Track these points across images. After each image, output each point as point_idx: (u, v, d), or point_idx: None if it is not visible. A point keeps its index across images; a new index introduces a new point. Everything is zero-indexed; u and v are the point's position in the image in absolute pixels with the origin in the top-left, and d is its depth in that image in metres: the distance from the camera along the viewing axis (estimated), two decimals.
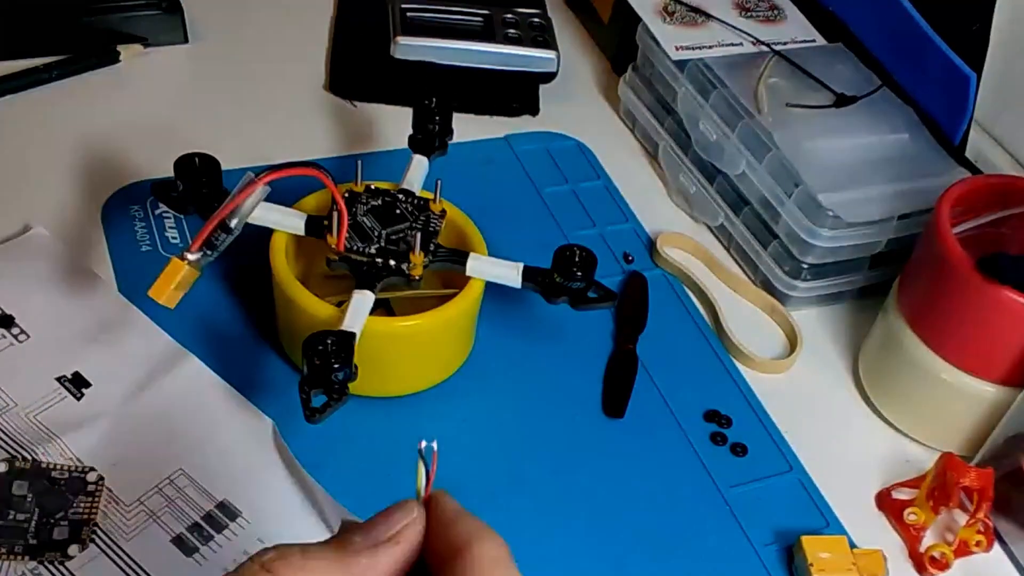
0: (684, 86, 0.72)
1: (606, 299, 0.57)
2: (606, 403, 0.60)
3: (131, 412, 0.54)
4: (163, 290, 0.50)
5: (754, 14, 0.78)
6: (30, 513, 0.49)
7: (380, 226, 0.56)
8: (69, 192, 0.66)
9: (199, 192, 0.56)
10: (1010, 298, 0.53)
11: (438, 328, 0.56)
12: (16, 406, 0.53)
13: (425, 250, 0.55)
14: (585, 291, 0.56)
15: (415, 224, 0.56)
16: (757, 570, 0.54)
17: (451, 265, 0.56)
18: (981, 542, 0.56)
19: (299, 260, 0.60)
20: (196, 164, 0.56)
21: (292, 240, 0.58)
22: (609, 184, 0.74)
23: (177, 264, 0.50)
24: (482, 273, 0.57)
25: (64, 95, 0.73)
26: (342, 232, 0.54)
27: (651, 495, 0.56)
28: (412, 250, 0.54)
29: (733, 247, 0.71)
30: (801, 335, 0.65)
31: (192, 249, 0.50)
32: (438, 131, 0.63)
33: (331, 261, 0.56)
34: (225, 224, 0.51)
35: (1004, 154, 0.75)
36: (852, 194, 0.65)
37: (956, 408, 0.59)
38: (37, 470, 0.50)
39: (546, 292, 0.56)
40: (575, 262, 0.55)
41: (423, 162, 0.61)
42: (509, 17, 0.79)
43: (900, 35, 0.71)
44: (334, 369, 0.48)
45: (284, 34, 0.83)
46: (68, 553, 0.48)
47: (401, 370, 0.57)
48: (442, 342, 0.58)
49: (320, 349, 0.48)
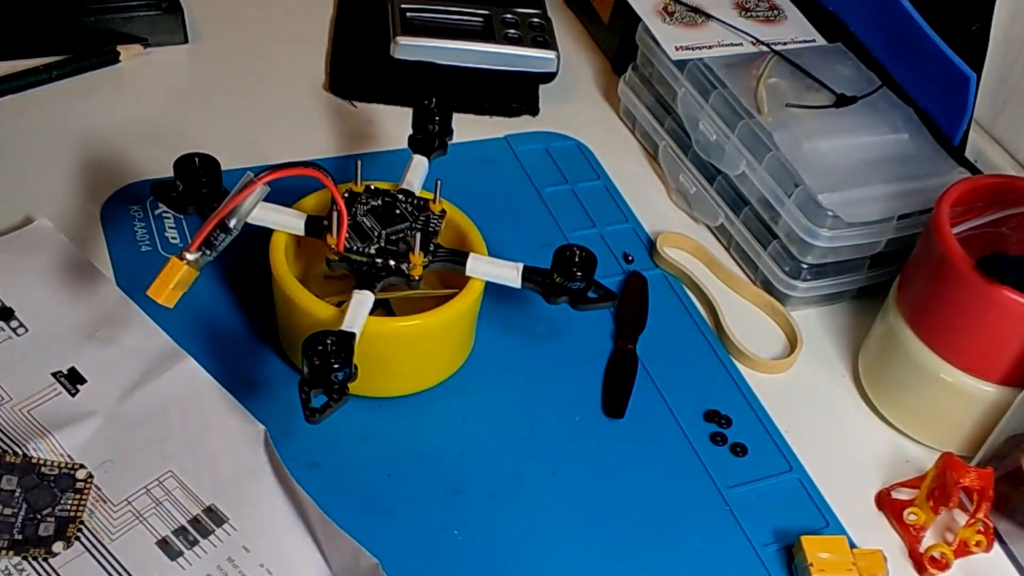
0: (684, 86, 0.72)
1: (606, 299, 0.57)
2: (606, 403, 0.60)
3: (124, 411, 0.54)
4: (162, 290, 0.50)
5: (754, 14, 0.78)
6: (17, 508, 0.49)
7: (380, 226, 0.56)
8: (69, 192, 0.66)
9: (199, 192, 0.56)
10: (1010, 298, 0.53)
11: (438, 328, 0.56)
12: (11, 400, 0.53)
13: (425, 250, 0.55)
14: (585, 291, 0.56)
15: (415, 224, 0.56)
16: (757, 570, 0.54)
17: (451, 265, 0.56)
18: (981, 542, 0.56)
19: (299, 260, 0.60)
20: (196, 164, 0.56)
21: (292, 240, 0.58)
22: (609, 184, 0.74)
23: (176, 264, 0.50)
24: (482, 273, 0.57)
25: (64, 95, 0.73)
26: (342, 232, 0.54)
27: (651, 495, 0.56)
28: (412, 250, 0.54)
29: (733, 247, 0.71)
30: (801, 335, 0.65)
31: (191, 249, 0.50)
32: (438, 131, 0.63)
33: (331, 261, 0.56)
34: (224, 224, 0.51)
35: (1004, 154, 0.75)
36: (852, 194, 0.65)
37: (956, 408, 0.59)
38: (27, 465, 0.50)
39: (546, 292, 0.56)
40: (575, 262, 0.55)
41: (423, 162, 0.61)
42: (509, 17, 0.79)
43: (900, 35, 0.71)
44: (334, 369, 0.48)
45: (284, 34, 0.83)
46: (52, 550, 0.48)
47: (401, 370, 0.57)
48: (442, 342, 0.58)
49: (320, 349, 0.48)
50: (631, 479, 0.57)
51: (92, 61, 0.75)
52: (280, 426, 0.55)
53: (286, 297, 0.55)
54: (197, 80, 0.78)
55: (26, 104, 0.72)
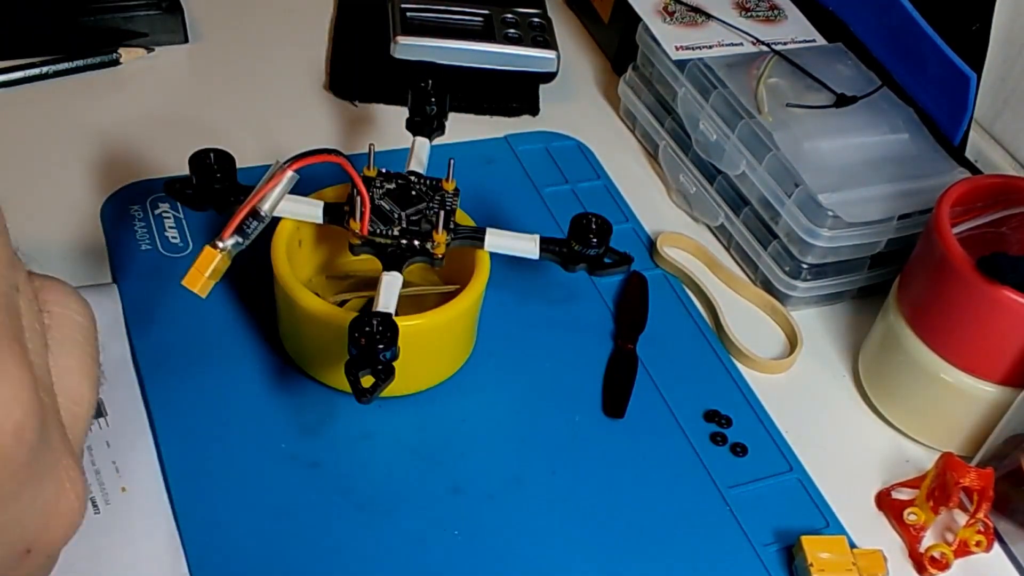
0: (684, 86, 0.72)
1: (622, 263, 0.59)
2: (606, 403, 0.60)
3: None
4: (197, 279, 0.50)
5: (754, 14, 0.78)
6: None
7: (399, 208, 0.56)
8: (68, 192, 0.66)
9: (212, 188, 0.56)
10: (1010, 298, 0.53)
11: (439, 328, 0.56)
12: None
13: (446, 228, 0.56)
14: (602, 257, 0.58)
15: (431, 204, 0.57)
16: (757, 570, 0.54)
17: (470, 242, 0.57)
18: (981, 542, 0.56)
19: (300, 260, 0.60)
20: (211, 160, 0.56)
21: (294, 240, 0.58)
22: (609, 184, 0.74)
23: (210, 253, 0.50)
24: (501, 247, 0.57)
25: (64, 95, 0.73)
26: (365, 215, 0.54)
27: (651, 495, 0.56)
28: (435, 229, 0.55)
29: (733, 247, 0.71)
30: (801, 335, 0.65)
31: (224, 237, 0.51)
32: (436, 112, 0.63)
33: (355, 247, 0.56)
34: (256, 211, 0.51)
35: (1004, 154, 0.75)
36: (852, 194, 0.65)
37: (956, 408, 0.59)
38: None
39: (564, 260, 0.58)
40: (591, 229, 0.57)
41: (425, 144, 0.62)
42: (509, 17, 0.79)
43: (900, 35, 0.71)
44: (379, 349, 0.49)
45: (284, 34, 0.83)
46: None
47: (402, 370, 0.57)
48: (443, 342, 0.58)
49: (367, 331, 0.49)
50: (631, 479, 0.57)
51: (92, 61, 0.75)
52: (281, 426, 0.55)
53: (288, 297, 0.55)
54: (197, 80, 0.78)
55: (26, 104, 0.72)
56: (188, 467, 0.53)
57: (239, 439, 0.55)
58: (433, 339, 0.57)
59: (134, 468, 0.52)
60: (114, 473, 0.52)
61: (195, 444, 0.54)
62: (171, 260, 0.63)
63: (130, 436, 0.53)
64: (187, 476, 0.53)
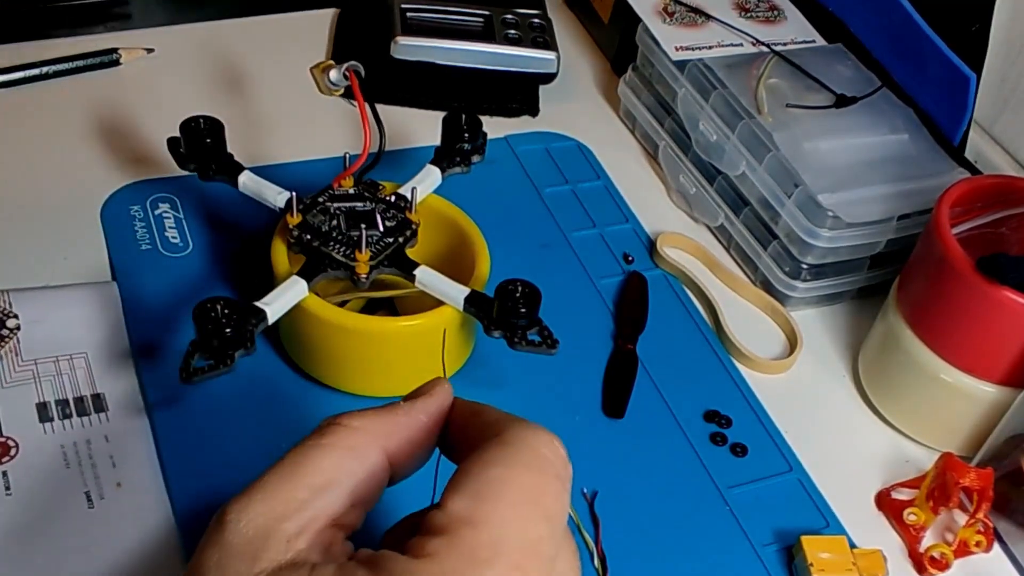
0: (684, 86, 0.72)
1: (546, 346, 0.53)
2: (606, 403, 0.60)
3: None
4: None
5: (754, 14, 0.78)
6: None
7: (345, 217, 0.56)
8: (68, 191, 0.66)
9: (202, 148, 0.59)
10: (1010, 298, 0.53)
11: (439, 328, 0.56)
12: None
13: (375, 250, 0.54)
14: (527, 330, 0.53)
15: (377, 226, 0.56)
16: (757, 570, 0.54)
17: (398, 271, 0.55)
18: (981, 542, 0.56)
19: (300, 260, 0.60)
20: (201, 126, 0.59)
21: None
22: (609, 184, 0.74)
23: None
24: (428, 287, 0.55)
25: (64, 95, 0.73)
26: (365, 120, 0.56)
27: (651, 495, 0.56)
28: (359, 248, 0.54)
29: (733, 247, 0.71)
30: (801, 335, 0.65)
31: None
32: (468, 150, 0.61)
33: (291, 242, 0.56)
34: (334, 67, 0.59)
35: (1004, 154, 0.75)
36: (852, 194, 0.65)
37: (956, 408, 0.59)
38: None
39: (486, 324, 0.53)
40: (516, 297, 0.52)
41: (431, 173, 0.60)
42: (509, 18, 0.79)
43: (900, 35, 0.72)
44: (225, 336, 0.49)
45: (284, 34, 0.83)
46: None
47: (402, 370, 0.57)
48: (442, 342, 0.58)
49: (213, 316, 0.49)
50: (631, 479, 0.57)
51: (92, 61, 0.75)
52: (281, 426, 0.55)
53: None
54: (197, 80, 0.78)
55: (25, 104, 0.72)
56: (187, 465, 0.53)
57: (238, 438, 0.55)
58: (433, 339, 0.57)
59: (131, 464, 0.52)
60: (111, 468, 0.52)
61: (194, 443, 0.54)
62: (171, 260, 0.63)
63: (128, 433, 0.53)
64: (186, 474, 0.53)
